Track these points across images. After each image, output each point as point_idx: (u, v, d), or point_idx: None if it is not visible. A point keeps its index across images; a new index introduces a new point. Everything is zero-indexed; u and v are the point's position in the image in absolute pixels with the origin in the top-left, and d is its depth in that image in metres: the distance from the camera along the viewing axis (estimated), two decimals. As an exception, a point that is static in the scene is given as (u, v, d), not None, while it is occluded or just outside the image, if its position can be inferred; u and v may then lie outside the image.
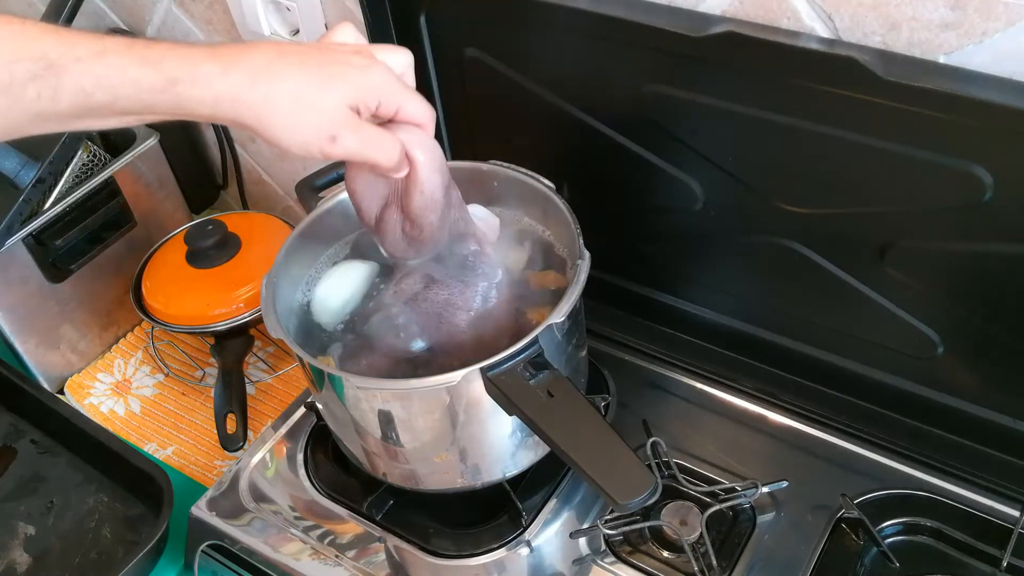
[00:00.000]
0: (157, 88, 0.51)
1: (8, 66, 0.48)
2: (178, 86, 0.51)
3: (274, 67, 0.53)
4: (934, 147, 0.63)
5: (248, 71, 0.52)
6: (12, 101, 0.49)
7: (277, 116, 0.53)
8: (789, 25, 0.65)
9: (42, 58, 0.49)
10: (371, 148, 0.57)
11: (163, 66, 0.51)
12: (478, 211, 0.75)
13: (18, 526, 0.92)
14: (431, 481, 0.74)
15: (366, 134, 0.57)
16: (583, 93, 0.78)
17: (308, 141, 0.55)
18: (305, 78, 0.54)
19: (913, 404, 0.78)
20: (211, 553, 0.81)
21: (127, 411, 1.05)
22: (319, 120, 0.54)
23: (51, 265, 1.00)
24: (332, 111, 0.55)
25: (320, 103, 0.54)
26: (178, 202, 1.14)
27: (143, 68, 0.50)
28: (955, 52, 0.60)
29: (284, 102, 0.53)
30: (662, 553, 0.74)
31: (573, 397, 0.62)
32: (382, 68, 0.58)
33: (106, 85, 0.50)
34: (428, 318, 0.70)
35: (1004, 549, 0.70)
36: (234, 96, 0.52)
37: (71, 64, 0.49)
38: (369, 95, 0.56)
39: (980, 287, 0.70)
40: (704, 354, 0.88)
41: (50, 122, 0.51)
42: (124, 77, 0.50)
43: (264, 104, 0.53)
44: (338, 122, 0.55)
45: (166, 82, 0.51)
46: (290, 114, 0.53)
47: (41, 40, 0.49)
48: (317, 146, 0.55)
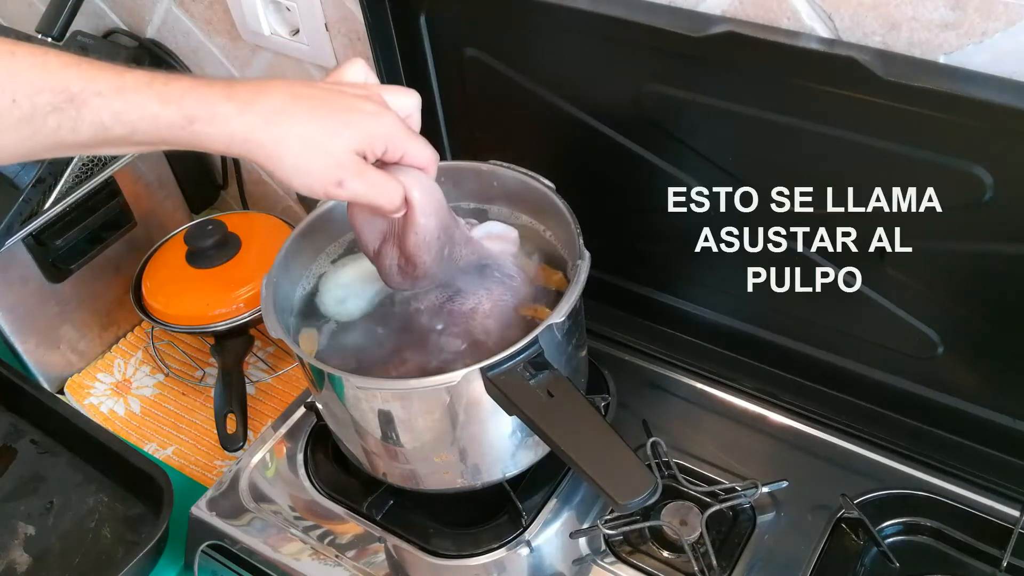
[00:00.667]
0: (176, 125, 0.53)
1: (31, 97, 0.50)
2: (195, 124, 0.53)
3: (287, 110, 0.55)
4: (934, 147, 0.63)
5: (263, 113, 0.54)
6: (33, 131, 0.50)
7: (287, 158, 0.55)
8: (789, 25, 0.65)
9: (64, 91, 0.50)
10: (374, 192, 0.59)
11: (182, 104, 0.52)
12: (494, 227, 0.76)
13: (18, 526, 0.92)
14: (431, 481, 0.74)
15: (371, 179, 0.59)
16: (583, 93, 0.78)
17: (315, 183, 0.57)
18: (316, 122, 0.56)
19: (913, 404, 0.78)
20: (211, 553, 0.81)
21: (127, 411, 1.05)
22: (327, 164, 0.56)
23: (51, 265, 1.00)
24: (340, 156, 0.57)
25: (329, 147, 0.56)
26: (178, 202, 1.14)
27: (163, 106, 0.52)
28: (955, 52, 0.60)
29: (295, 145, 0.55)
30: (662, 553, 0.74)
31: (573, 397, 0.62)
32: (391, 116, 0.59)
33: (125, 120, 0.52)
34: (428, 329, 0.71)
35: (1004, 549, 0.70)
36: (247, 136, 0.54)
37: (92, 98, 0.51)
38: (377, 142, 0.58)
39: (980, 287, 0.70)
40: (704, 354, 0.88)
41: (68, 150, 0.53)
42: (143, 113, 0.52)
43: (276, 146, 0.55)
44: (345, 167, 0.57)
45: (184, 120, 0.52)
46: (300, 157, 0.55)
47: (63, 73, 0.51)
48: (323, 189, 0.57)
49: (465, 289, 0.72)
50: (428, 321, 0.72)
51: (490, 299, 0.72)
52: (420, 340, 0.71)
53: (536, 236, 0.79)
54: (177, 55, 1.13)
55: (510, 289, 0.73)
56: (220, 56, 1.10)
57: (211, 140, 0.54)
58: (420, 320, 0.72)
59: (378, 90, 0.61)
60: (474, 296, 0.72)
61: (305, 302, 0.78)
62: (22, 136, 0.51)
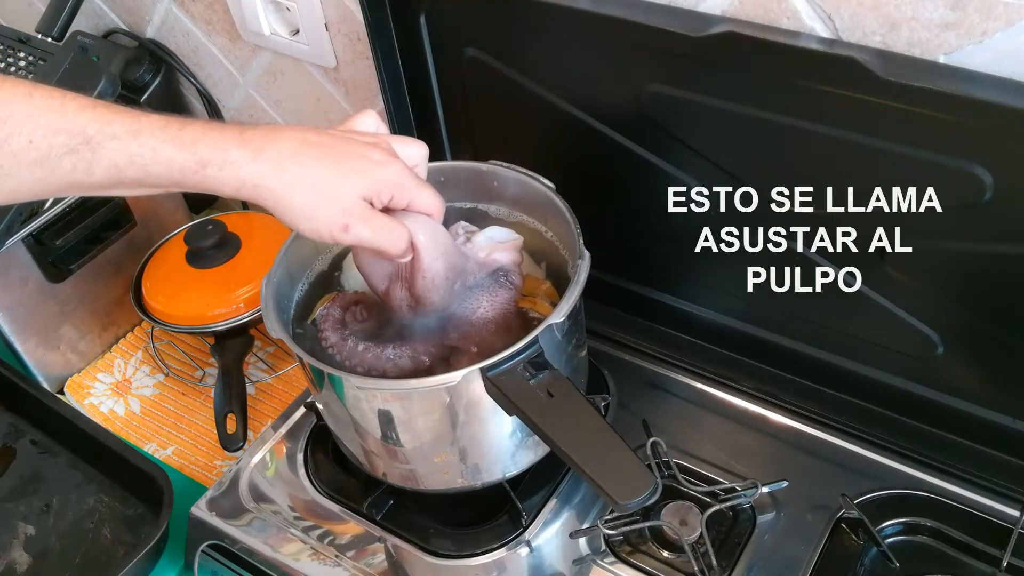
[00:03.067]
0: (189, 170, 0.54)
1: (47, 138, 0.51)
2: (208, 168, 0.54)
3: (297, 156, 0.56)
4: (934, 147, 0.63)
5: (273, 159, 0.56)
6: (48, 172, 0.51)
7: (296, 203, 0.57)
8: (789, 25, 0.65)
9: (80, 133, 0.51)
10: (380, 238, 0.60)
11: (196, 149, 0.54)
12: (498, 233, 0.76)
13: (18, 526, 0.92)
14: (431, 481, 0.74)
15: (377, 223, 0.60)
16: (583, 93, 0.78)
17: (321, 228, 0.58)
18: (325, 169, 0.57)
19: (913, 404, 0.78)
20: (211, 553, 0.81)
21: (127, 411, 1.05)
22: (334, 209, 0.58)
23: (51, 265, 1.00)
24: (347, 201, 0.58)
25: (337, 193, 0.58)
26: (178, 202, 1.14)
27: (177, 150, 0.54)
28: (955, 52, 0.60)
29: (303, 192, 0.57)
30: (662, 553, 0.74)
31: (573, 397, 0.62)
32: (398, 164, 0.61)
33: (139, 163, 0.53)
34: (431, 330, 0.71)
35: (1004, 549, 0.70)
36: (258, 182, 0.56)
37: (107, 141, 0.52)
38: (384, 189, 0.60)
39: (980, 287, 0.70)
40: (704, 354, 0.88)
41: (81, 190, 0.54)
42: (157, 157, 0.53)
43: (285, 191, 0.56)
44: (352, 212, 0.58)
45: (197, 164, 0.54)
46: (308, 203, 0.57)
47: (80, 115, 0.52)
48: (329, 233, 0.58)
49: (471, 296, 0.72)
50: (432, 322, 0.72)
51: (492, 304, 0.72)
52: (420, 334, 0.72)
53: (536, 236, 0.79)
54: (177, 55, 1.13)
55: (515, 293, 0.73)
56: (220, 56, 1.10)
57: (221, 184, 0.55)
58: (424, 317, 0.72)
59: (387, 139, 0.63)
60: (476, 300, 0.72)
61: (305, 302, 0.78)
62: (36, 176, 0.52)
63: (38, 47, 1.03)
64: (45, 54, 1.03)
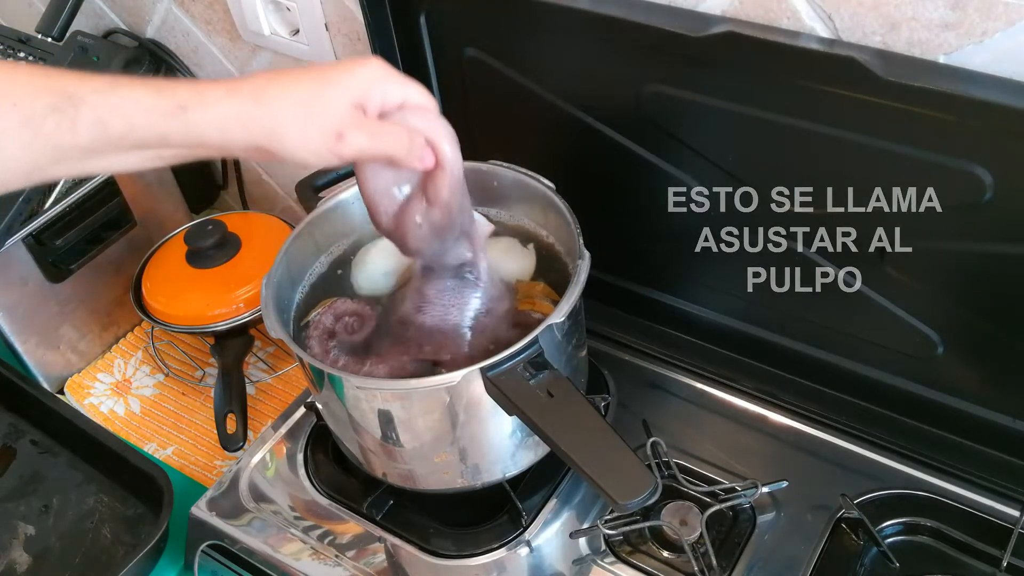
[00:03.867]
0: (169, 113, 0.53)
1: (30, 99, 0.52)
2: (188, 111, 0.54)
3: (275, 81, 0.56)
4: (934, 147, 0.63)
5: (251, 90, 0.55)
6: (33, 134, 0.52)
7: (286, 127, 0.55)
8: (789, 25, 0.65)
9: (62, 92, 0.52)
10: (382, 141, 0.58)
11: (174, 93, 0.54)
12: None
13: (18, 526, 0.92)
14: (431, 481, 0.74)
15: (374, 128, 0.58)
16: (583, 93, 0.78)
17: (318, 147, 0.56)
18: (306, 86, 0.56)
19: (913, 404, 0.78)
20: (211, 553, 0.81)
21: (127, 411, 1.05)
22: (324, 121, 0.56)
23: (51, 265, 1.00)
24: (336, 111, 0.56)
25: (323, 105, 0.56)
26: (178, 202, 1.14)
27: (156, 97, 0.54)
28: (955, 52, 0.60)
29: (289, 113, 0.55)
30: (662, 553, 0.74)
31: (573, 397, 0.62)
32: (378, 60, 0.60)
33: (120, 113, 0.53)
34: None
35: (1004, 549, 0.70)
36: (240, 114, 0.54)
37: (88, 95, 0.52)
38: (371, 88, 0.58)
39: (980, 287, 0.70)
40: (704, 354, 0.88)
41: (70, 158, 0.54)
42: (138, 104, 0.53)
43: (271, 118, 0.55)
44: (344, 121, 0.56)
45: (176, 107, 0.53)
46: (297, 123, 0.55)
47: (62, 78, 0.53)
48: (327, 148, 0.56)
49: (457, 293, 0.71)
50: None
51: (460, 307, 0.70)
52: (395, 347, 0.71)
53: (536, 236, 0.79)
54: (177, 55, 1.13)
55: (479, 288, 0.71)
56: (220, 56, 1.10)
57: (206, 127, 0.54)
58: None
59: None
60: (444, 307, 0.70)
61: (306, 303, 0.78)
62: (24, 141, 0.52)
63: (38, 47, 1.03)
64: (45, 54, 1.03)
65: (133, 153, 0.55)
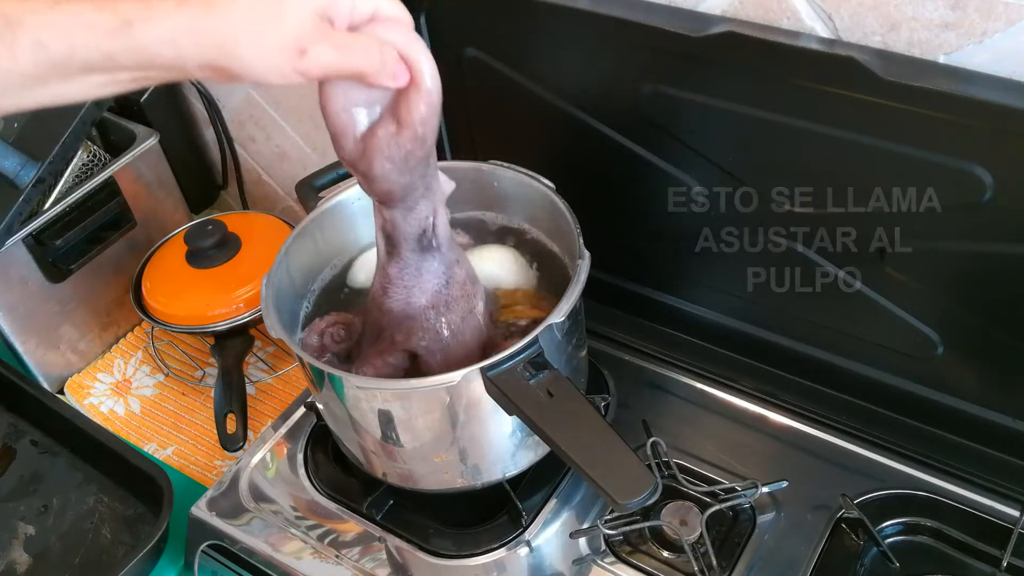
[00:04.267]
0: (113, 30, 0.49)
1: None
2: (134, 26, 0.49)
3: None
4: (934, 147, 0.63)
5: (200, 1, 0.49)
6: None
7: (241, 39, 0.49)
8: (789, 25, 0.65)
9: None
10: (350, 55, 0.52)
11: (118, 8, 0.49)
12: None
13: (18, 526, 0.92)
14: (431, 481, 0.74)
15: (340, 40, 0.52)
16: (583, 93, 0.78)
17: (279, 62, 0.50)
18: None
19: (913, 404, 0.78)
20: (211, 553, 0.81)
21: (127, 411, 1.05)
22: (283, 34, 0.50)
23: (51, 265, 1.00)
24: (297, 21, 0.50)
25: (283, 15, 0.50)
26: (178, 202, 1.14)
27: (98, 12, 0.49)
28: (955, 52, 0.60)
29: (244, 23, 0.49)
30: (662, 553, 0.74)
31: (573, 397, 0.62)
32: None
33: (61, 32, 0.48)
34: None
35: (1004, 549, 0.70)
36: (190, 27, 0.49)
37: (26, 16, 0.48)
38: None
39: (980, 287, 0.70)
40: (704, 354, 0.88)
41: (12, 86, 0.49)
42: (79, 21, 0.49)
43: (224, 30, 0.49)
44: (306, 33, 0.50)
45: (121, 23, 0.49)
46: (253, 33, 0.49)
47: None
48: (288, 63, 0.50)
49: None
50: None
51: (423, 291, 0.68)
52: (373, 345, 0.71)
53: (536, 237, 0.79)
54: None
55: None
56: None
57: (155, 43, 0.49)
58: None
59: None
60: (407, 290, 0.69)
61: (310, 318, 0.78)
62: None
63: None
64: None
65: (81, 78, 0.50)
